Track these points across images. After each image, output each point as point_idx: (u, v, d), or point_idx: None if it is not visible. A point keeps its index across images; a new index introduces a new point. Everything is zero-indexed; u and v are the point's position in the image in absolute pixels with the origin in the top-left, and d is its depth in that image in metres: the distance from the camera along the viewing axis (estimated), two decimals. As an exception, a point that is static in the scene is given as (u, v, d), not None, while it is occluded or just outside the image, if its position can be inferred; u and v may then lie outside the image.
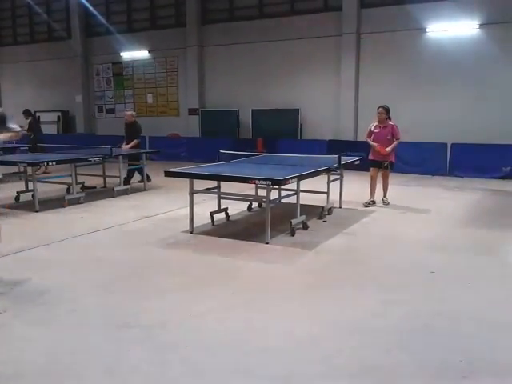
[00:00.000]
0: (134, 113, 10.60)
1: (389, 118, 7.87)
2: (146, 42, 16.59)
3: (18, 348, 3.20)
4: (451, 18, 12.12)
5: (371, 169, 8.04)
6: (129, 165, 9.85)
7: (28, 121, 12.03)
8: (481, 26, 11.93)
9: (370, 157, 8.04)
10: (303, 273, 4.73)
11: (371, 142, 7.91)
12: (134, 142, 10.03)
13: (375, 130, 7.91)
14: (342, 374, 2.89)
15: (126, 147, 9.99)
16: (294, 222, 6.05)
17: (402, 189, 9.61)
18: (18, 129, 4.85)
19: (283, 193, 6.93)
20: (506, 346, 3.23)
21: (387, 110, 7.82)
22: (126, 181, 9.53)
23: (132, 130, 10.14)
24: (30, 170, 8.29)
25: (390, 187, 8.11)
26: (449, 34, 12.37)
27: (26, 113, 12.31)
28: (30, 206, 7.66)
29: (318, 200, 7.33)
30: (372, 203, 7.95)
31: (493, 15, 11.77)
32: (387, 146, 7.77)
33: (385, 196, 8.07)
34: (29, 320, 3.61)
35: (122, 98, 17.73)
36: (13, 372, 2.90)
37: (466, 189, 9.70)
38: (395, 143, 7.83)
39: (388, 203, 7.97)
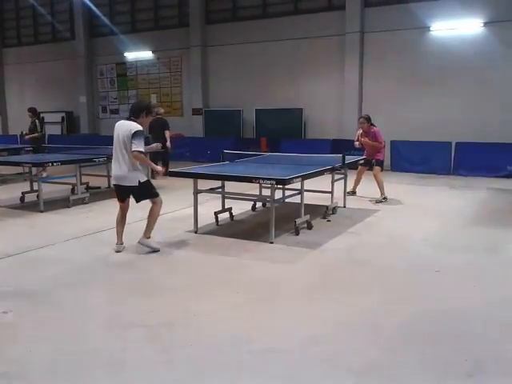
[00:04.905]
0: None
1: (372, 125, 8.21)
2: (149, 42, 16.62)
3: (23, 347, 3.21)
4: (455, 17, 12.09)
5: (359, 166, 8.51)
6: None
7: (32, 119, 11.71)
8: (485, 24, 11.89)
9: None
10: (308, 272, 4.72)
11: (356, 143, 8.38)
12: None
13: (361, 138, 8.33)
14: (346, 373, 2.88)
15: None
16: (299, 221, 6.05)
17: (407, 188, 9.58)
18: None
19: (287, 192, 6.93)
20: None
21: (367, 119, 8.20)
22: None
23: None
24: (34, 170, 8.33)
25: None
26: (453, 33, 12.33)
27: (32, 111, 11.62)
28: (35, 207, 7.69)
29: (322, 199, 7.32)
30: (351, 193, 8.42)
31: (497, 13, 11.72)
32: (373, 151, 8.17)
33: (381, 194, 8.10)
34: (34, 319, 3.63)
35: (126, 99, 17.76)
36: (18, 371, 2.92)
37: (470, 188, 9.65)
38: (375, 143, 8.13)
39: (381, 201, 8.00)
